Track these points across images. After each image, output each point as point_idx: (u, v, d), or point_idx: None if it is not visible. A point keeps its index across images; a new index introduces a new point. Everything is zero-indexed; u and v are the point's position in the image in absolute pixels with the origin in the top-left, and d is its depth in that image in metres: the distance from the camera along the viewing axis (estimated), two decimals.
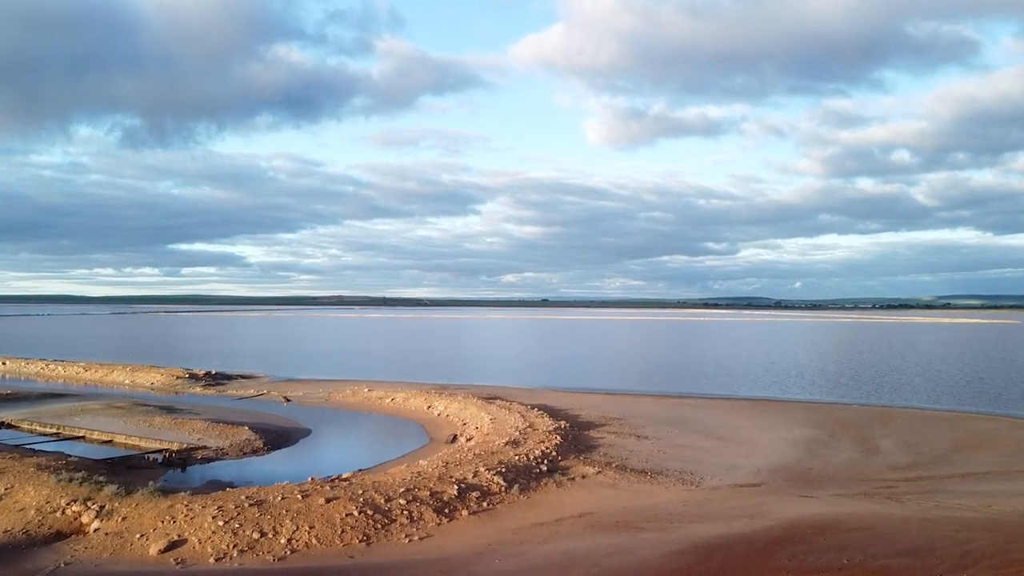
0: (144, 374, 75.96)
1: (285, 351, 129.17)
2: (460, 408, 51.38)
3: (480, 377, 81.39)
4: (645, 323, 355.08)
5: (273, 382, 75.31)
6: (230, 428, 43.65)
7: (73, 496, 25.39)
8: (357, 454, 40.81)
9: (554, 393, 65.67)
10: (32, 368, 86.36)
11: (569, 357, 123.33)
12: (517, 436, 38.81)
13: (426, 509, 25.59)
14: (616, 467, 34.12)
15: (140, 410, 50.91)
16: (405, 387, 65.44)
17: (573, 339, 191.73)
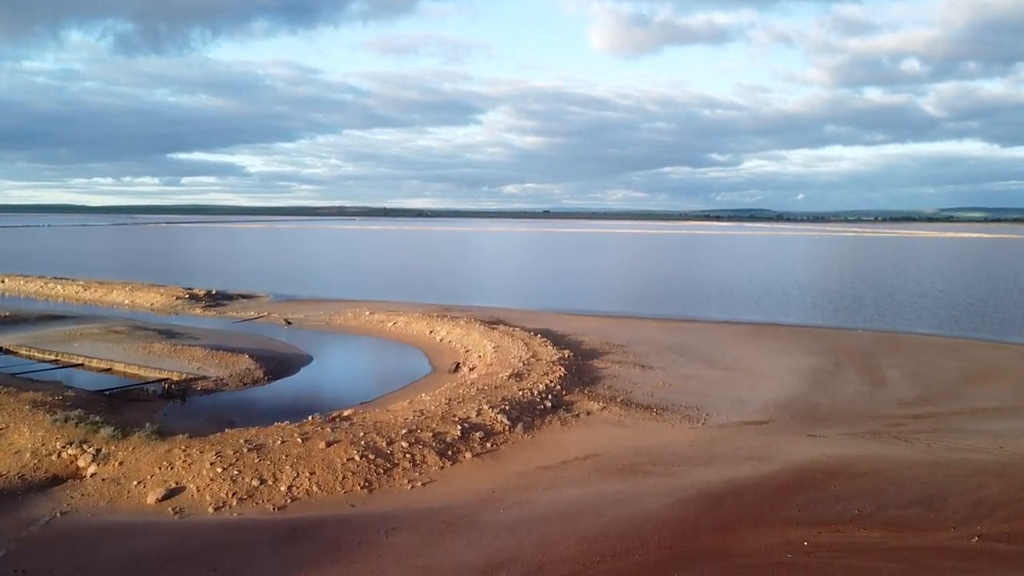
0: (144, 294, 75.38)
1: (286, 267, 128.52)
2: (463, 334, 50.84)
3: (482, 298, 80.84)
4: (646, 237, 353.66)
5: (274, 302, 74.79)
6: (230, 356, 43.16)
7: (69, 438, 24.90)
8: (358, 384, 40.41)
9: (556, 316, 65.14)
10: (31, 287, 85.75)
11: (571, 275, 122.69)
12: (520, 367, 38.28)
13: (429, 452, 25.14)
14: (621, 402, 33.65)
15: (139, 335, 50.41)
16: (407, 309, 64.84)
17: (574, 255, 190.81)
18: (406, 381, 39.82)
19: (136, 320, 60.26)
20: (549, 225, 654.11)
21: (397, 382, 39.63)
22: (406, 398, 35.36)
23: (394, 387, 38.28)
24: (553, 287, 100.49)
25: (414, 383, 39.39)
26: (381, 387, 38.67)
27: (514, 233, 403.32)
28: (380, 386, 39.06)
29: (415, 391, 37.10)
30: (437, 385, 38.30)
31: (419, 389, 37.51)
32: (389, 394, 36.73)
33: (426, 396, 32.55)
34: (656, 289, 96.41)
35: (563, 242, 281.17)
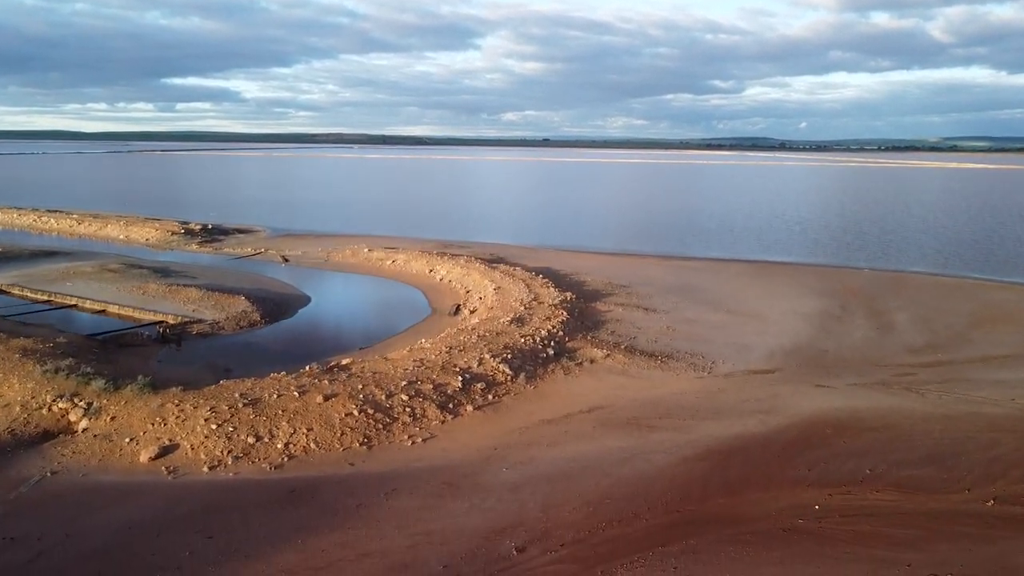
0: (139, 228, 74.22)
1: (283, 200, 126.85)
2: (463, 274, 49.96)
3: (482, 233, 79.68)
4: (646, 167, 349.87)
5: (271, 237, 73.68)
6: (226, 297, 42.34)
7: (59, 391, 24.25)
8: (357, 328, 39.70)
9: (558, 254, 64.17)
10: (24, 220, 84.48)
11: (571, 209, 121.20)
12: (522, 311, 37.52)
13: (429, 405, 24.52)
14: (625, 349, 32.98)
15: (134, 274, 49.49)
16: (406, 246, 63.80)
17: (574, 187, 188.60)
18: (406, 324, 39.11)
19: (131, 257, 59.24)
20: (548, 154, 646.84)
21: (397, 325, 38.93)
22: (406, 344, 34.69)
23: (394, 331, 37.59)
24: (553, 222, 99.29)
25: (414, 326, 38.68)
26: (381, 331, 37.98)
27: (513, 163, 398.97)
28: (380, 330, 38.37)
29: (415, 336, 36.41)
30: (438, 329, 37.61)
31: (419, 333, 36.82)
32: (389, 339, 36.05)
33: (426, 343, 31.85)
34: (657, 224, 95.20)
35: (562, 173, 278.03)
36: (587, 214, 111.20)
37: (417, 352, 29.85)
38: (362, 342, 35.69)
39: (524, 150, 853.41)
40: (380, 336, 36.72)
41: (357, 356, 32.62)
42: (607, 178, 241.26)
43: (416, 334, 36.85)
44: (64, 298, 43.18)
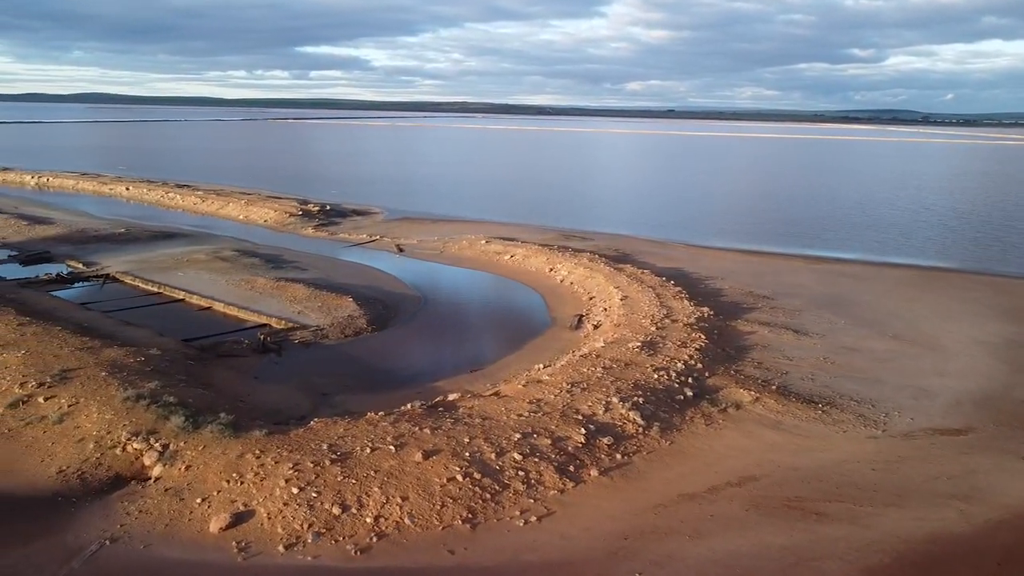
0: (258, 208, 73.52)
1: (403, 176, 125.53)
2: (585, 275, 45.72)
3: (605, 221, 74.94)
4: (779, 142, 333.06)
5: (387, 221, 71.55)
6: (334, 298, 39.74)
7: (137, 427, 21.74)
8: (470, 340, 36.23)
9: (688, 250, 58.92)
10: (153, 195, 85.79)
11: (700, 192, 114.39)
12: (654, 332, 33.04)
13: (546, 468, 20.62)
14: (776, 390, 28.05)
15: (244, 264, 47.85)
16: (525, 236, 60.07)
17: (703, 165, 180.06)
18: (523, 339, 35.31)
19: (246, 242, 58.08)
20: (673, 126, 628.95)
21: (513, 340, 35.19)
22: (522, 366, 30.99)
23: (509, 348, 33.86)
24: (682, 207, 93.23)
25: (532, 342, 34.84)
26: (495, 347, 34.38)
27: (638, 136, 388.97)
28: (494, 345, 34.78)
29: (533, 355, 32.61)
30: (558, 348, 33.67)
31: (538, 352, 32.99)
32: (504, 359, 32.36)
33: (545, 372, 27.93)
34: (794, 213, 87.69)
35: (690, 147, 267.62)
36: (717, 198, 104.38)
37: (534, 388, 25.95)
38: (473, 360, 32.20)
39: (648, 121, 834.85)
40: (494, 354, 33.09)
41: (467, 379, 29.25)
42: (735, 154, 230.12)
43: (534, 352, 33.03)
44: (173, 291, 41.75)
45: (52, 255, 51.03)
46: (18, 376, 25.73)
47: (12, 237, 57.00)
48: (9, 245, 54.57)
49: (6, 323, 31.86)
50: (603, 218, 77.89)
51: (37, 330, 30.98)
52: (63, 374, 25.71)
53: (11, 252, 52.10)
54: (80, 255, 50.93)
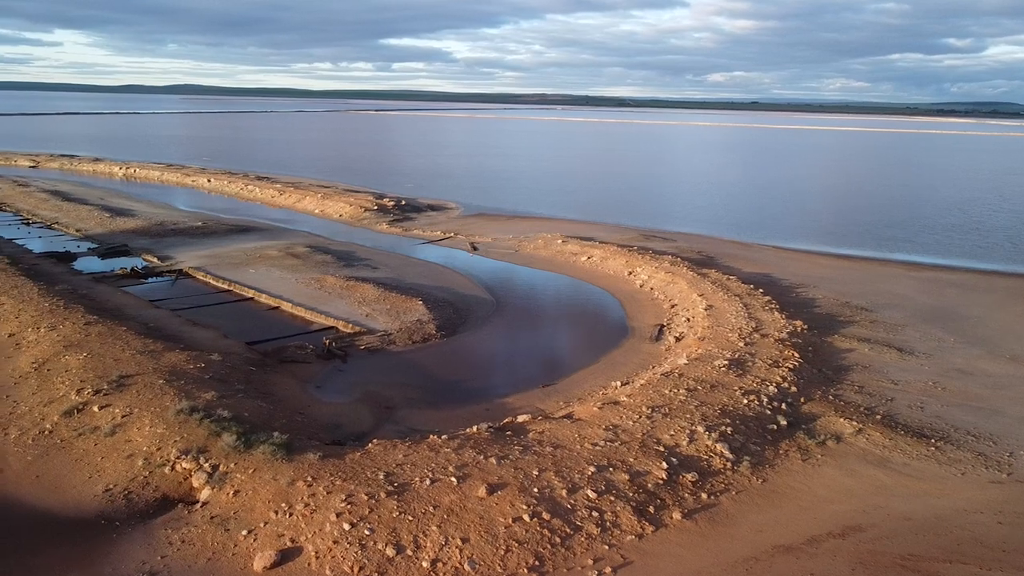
0: (334, 202, 73.07)
1: (480, 169, 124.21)
2: (667, 281, 43.20)
3: (688, 220, 71.91)
4: (870, 136, 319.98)
5: (462, 217, 70.16)
6: (403, 300, 38.35)
7: (187, 444, 20.54)
8: (543, 350, 34.27)
9: (776, 253, 55.63)
10: (233, 187, 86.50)
11: (787, 189, 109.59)
12: (742, 348, 30.48)
13: (623, 508, 18.52)
14: (881, 420, 25.22)
15: (316, 261, 46.99)
16: (603, 235, 57.75)
17: (789, 159, 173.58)
18: (599, 351, 33.14)
19: (319, 237, 57.42)
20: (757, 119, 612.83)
21: (589, 351, 33.08)
22: (598, 382, 28.94)
23: (585, 361, 31.76)
24: (768, 206, 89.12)
25: (609, 355, 32.65)
26: (570, 358, 32.35)
27: (720, 129, 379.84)
28: (569, 356, 32.76)
29: (610, 370, 30.48)
30: (637, 362, 31.45)
31: (615, 367, 30.83)
32: (579, 372, 30.30)
33: (623, 392, 25.76)
34: (891, 214, 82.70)
35: (775, 141, 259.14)
36: (805, 196, 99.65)
37: (611, 411, 23.82)
38: (545, 373, 30.24)
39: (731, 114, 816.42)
40: (568, 367, 31.05)
41: (538, 396, 27.35)
42: (823, 148, 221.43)
43: (611, 367, 30.88)
44: (242, 289, 41.05)
45: (129, 248, 51.25)
46: (76, 381, 25.00)
47: (94, 229, 57.69)
48: (91, 237, 55.17)
49: (73, 321, 31.42)
50: (685, 217, 74.80)
51: (102, 330, 30.40)
52: (121, 380, 24.85)
53: (92, 245, 52.55)
54: (156, 249, 51.00)
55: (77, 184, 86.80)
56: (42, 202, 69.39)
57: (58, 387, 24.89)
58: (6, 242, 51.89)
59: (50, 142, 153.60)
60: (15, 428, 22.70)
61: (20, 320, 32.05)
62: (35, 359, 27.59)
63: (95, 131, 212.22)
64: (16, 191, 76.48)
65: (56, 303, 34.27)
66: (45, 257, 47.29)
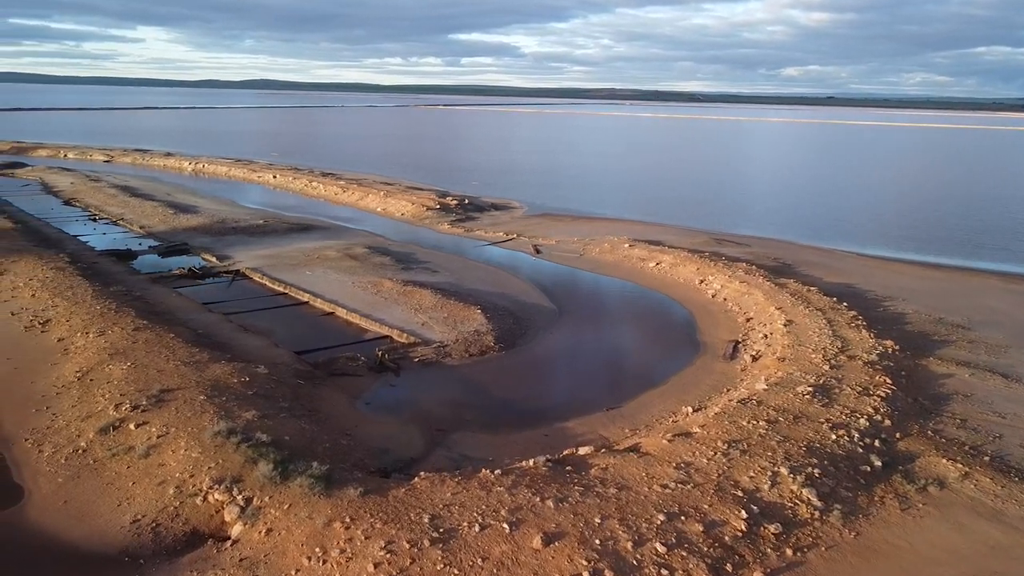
0: (396, 200, 71.93)
1: (546, 166, 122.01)
2: (741, 291, 40.50)
3: (763, 223, 68.55)
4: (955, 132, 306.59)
5: (526, 217, 68.22)
6: (461, 308, 36.60)
7: (222, 472, 19.10)
8: (607, 367, 32.07)
9: (858, 261, 52.19)
10: (297, 184, 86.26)
11: (868, 190, 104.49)
12: (827, 372, 27.81)
13: (696, 567, 16.31)
14: (990, 462, 22.34)
15: (374, 263, 45.67)
16: (671, 239, 55.11)
17: (869, 157, 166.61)
18: (668, 369, 30.81)
19: (379, 238, 56.23)
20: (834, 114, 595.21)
21: (657, 370, 30.79)
22: (668, 406, 26.69)
23: (653, 380, 29.47)
24: (847, 208, 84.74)
25: (680, 374, 30.28)
26: (636, 377, 30.09)
27: (795, 125, 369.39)
28: (635, 374, 30.51)
29: (680, 392, 28.17)
30: (710, 383, 29.06)
31: (686, 389, 28.49)
32: (646, 393, 28.05)
33: (696, 424, 23.43)
34: (983, 219, 77.66)
35: (852, 137, 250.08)
36: (887, 198, 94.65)
37: (682, 445, 21.55)
38: (611, 395, 28.08)
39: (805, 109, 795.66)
40: (635, 387, 28.81)
41: (602, 420, 25.26)
42: (905, 145, 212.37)
43: (681, 389, 28.54)
44: (298, 293, 39.89)
45: (189, 247, 50.78)
46: (116, 394, 23.91)
47: (157, 226, 57.59)
48: (153, 235, 55.01)
49: (123, 327, 30.56)
50: (758, 220, 71.39)
51: (150, 337, 29.42)
52: (161, 395, 23.66)
53: (153, 243, 52.30)
54: (216, 248, 50.42)
55: (146, 179, 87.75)
56: (110, 198, 69.97)
57: (97, 400, 23.85)
58: (70, 239, 52.01)
59: (127, 136, 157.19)
60: (50, 445, 21.67)
61: (71, 324, 31.36)
62: (80, 367, 26.71)
63: (172, 125, 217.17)
64: (87, 186, 77.50)
65: (108, 306, 33.55)
66: (106, 255, 47.04)
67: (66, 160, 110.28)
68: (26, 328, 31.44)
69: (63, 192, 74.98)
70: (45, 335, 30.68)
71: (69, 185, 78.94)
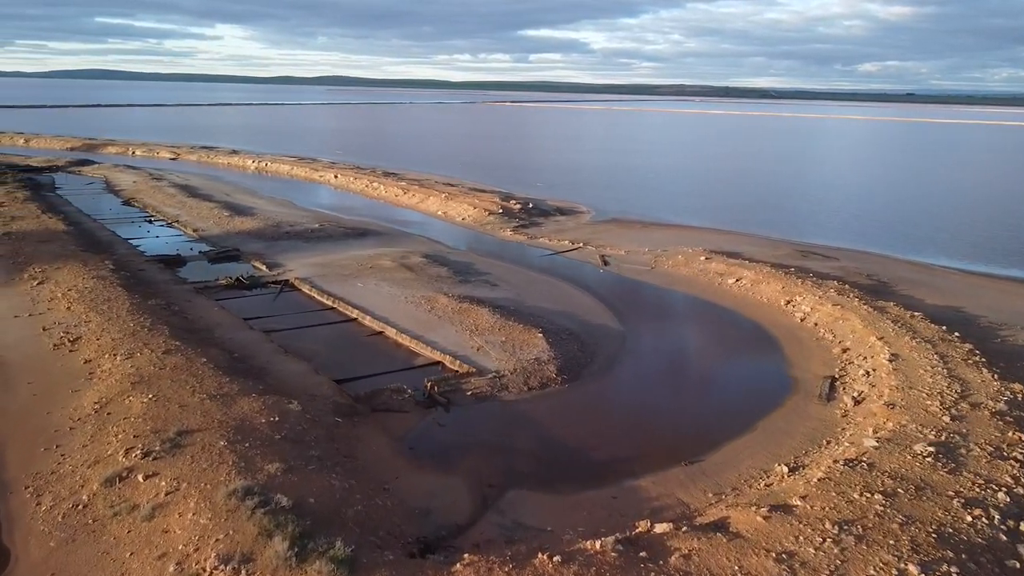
0: (458, 204, 69.00)
1: (613, 167, 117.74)
2: (835, 316, 36.19)
3: (849, 232, 63.40)
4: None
5: (593, 223, 64.57)
6: (521, 330, 33.27)
7: (230, 545, 16.20)
8: (684, 406, 28.29)
9: (963, 279, 47.09)
10: (358, 184, 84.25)
11: (961, 194, 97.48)
12: (947, 426, 23.62)
13: None
14: None
15: (430, 274, 42.72)
16: (751, 251, 50.83)
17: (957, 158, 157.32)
18: (756, 410, 26.91)
19: (437, 245, 53.39)
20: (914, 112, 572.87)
21: (741, 412, 26.92)
22: (757, 462, 22.89)
23: (738, 426, 25.64)
24: (941, 216, 78.49)
25: (769, 417, 26.39)
26: (718, 421, 26.32)
27: (873, 123, 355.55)
28: (716, 417, 26.73)
29: (771, 439, 24.35)
30: (804, 429, 25.13)
31: (777, 437, 24.63)
32: (730, 444, 24.28)
33: (796, 493, 19.57)
34: None
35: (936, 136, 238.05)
36: (984, 204, 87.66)
37: (780, 523, 17.79)
38: (690, 443, 24.41)
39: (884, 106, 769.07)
40: (717, 433, 25.06)
41: (680, 478, 21.66)
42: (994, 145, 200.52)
43: (773, 438, 24.68)
44: (347, 308, 37.15)
45: (240, 253, 48.68)
46: (130, 435, 21.31)
47: (211, 229, 55.84)
48: (206, 238, 53.22)
49: (152, 349, 28.17)
50: (843, 227, 66.15)
51: (179, 362, 26.90)
52: (178, 439, 20.95)
53: (204, 247, 50.41)
54: (267, 254, 48.24)
55: (208, 178, 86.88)
56: (169, 198, 68.83)
57: (110, 440, 21.29)
58: (121, 243, 50.48)
59: (197, 133, 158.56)
60: (50, 496, 19.14)
61: (100, 343, 29.14)
62: (100, 397, 24.30)
63: (242, 122, 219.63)
64: (149, 185, 76.74)
65: (142, 323, 31.28)
66: (154, 261, 45.19)
67: (134, 157, 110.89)
68: (55, 347, 29.38)
69: (124, 191, 74.33)
70: (73, 355, 28.57)
71: (131, 184, 78.37)
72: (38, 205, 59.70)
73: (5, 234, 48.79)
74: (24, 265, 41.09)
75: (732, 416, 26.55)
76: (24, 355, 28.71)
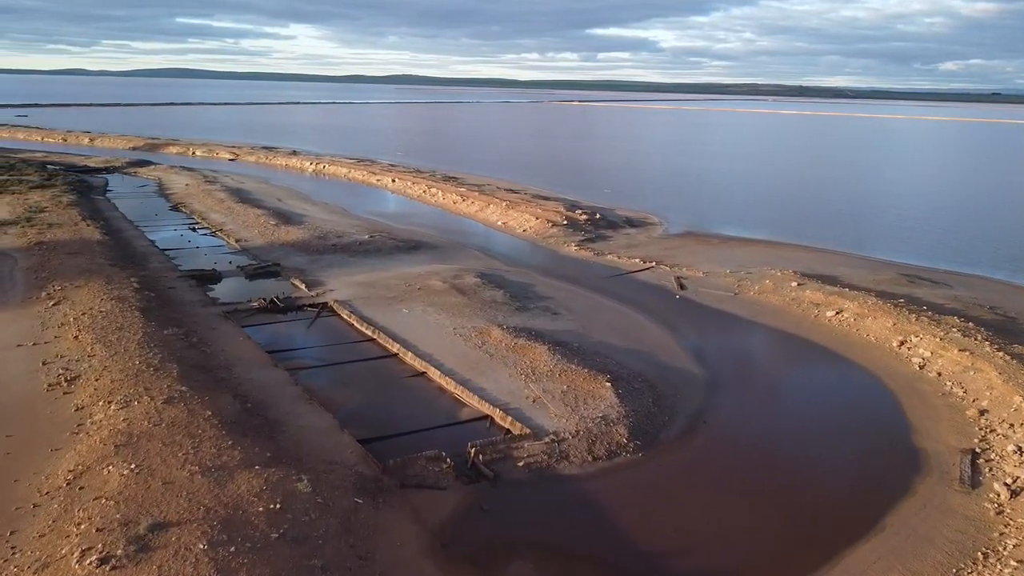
0: (519, 213, 64.21)
1: (686, 170, 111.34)
2: (963, 363, 30.19)
3: (958, 253, 56.37)
4: None
5: (666, 237, 59.08)
6: (586, 377, 28.25)
7: None
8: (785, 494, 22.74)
9: None
10: (416, 189, 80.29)
11: None
12: None
13: None
14: None
15: (484, 299, 38.04)
16: (848, 271, 44.80)
17: None
18: (879, 503, 21.33)
19: (495, 260, 48.75)
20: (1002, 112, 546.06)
21: (859, 503, 21.40)
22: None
23: (855, 525, 20.16)
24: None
25: (896, 513, 20.77)
26: (827, 518, 20.83)
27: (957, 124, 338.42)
28: (824, 511, 21.23)
29: (904, 553, 18.85)
30: (948, 537, 19.52)
31: (911, 547, 19.10)
32: (847, 556, 18.78)
33: None
34: None
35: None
36: None
37: None
38: (793, 547, 19.09)
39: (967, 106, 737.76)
40: (831, 534, 19.63)
41: None
42: None
43: (906, 549, 19.13)
44: (387, 341, 32.66)
45: (281, 268, 44.75)
46: (93, 528, 17.04)
47: (255, 240, 52.26)
48: (248, 250, 49.58)
49: (153, 396, 24.09)
50: (952, 248, 58.92)
51: (179, 416, 22.73)
52: (149, 536, 16.62)
53: (244, 261, 46.66)
54: (310, 270, 44.25)
55: (263, 181, 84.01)
56: (218, 203, 65.76)
57: (70, 532, 17.06)
58: (157, 254, 47.13)
59: (264, 133, 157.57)
60: None
61: (98, 386, 25.26)
62: (76, 464, 20.22)
63: (308, 121, 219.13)
64: (200, 188, 74.05)
65: (150, 360, 27.30)
66: (186, 278, 41.55)
67: (193, 158, 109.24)
68: (49, 387, 25.62)
69: (174, 195, 71.68)
70: (66, 398, 24.76)
71: (183, 187, 75.81)
72: (80, 211, 56.99)
73: (37, 243, 45.92)
74: (45, 281, 37.86)
75: (851, 509, 21.08)
76: (13, 397, 25.00)
